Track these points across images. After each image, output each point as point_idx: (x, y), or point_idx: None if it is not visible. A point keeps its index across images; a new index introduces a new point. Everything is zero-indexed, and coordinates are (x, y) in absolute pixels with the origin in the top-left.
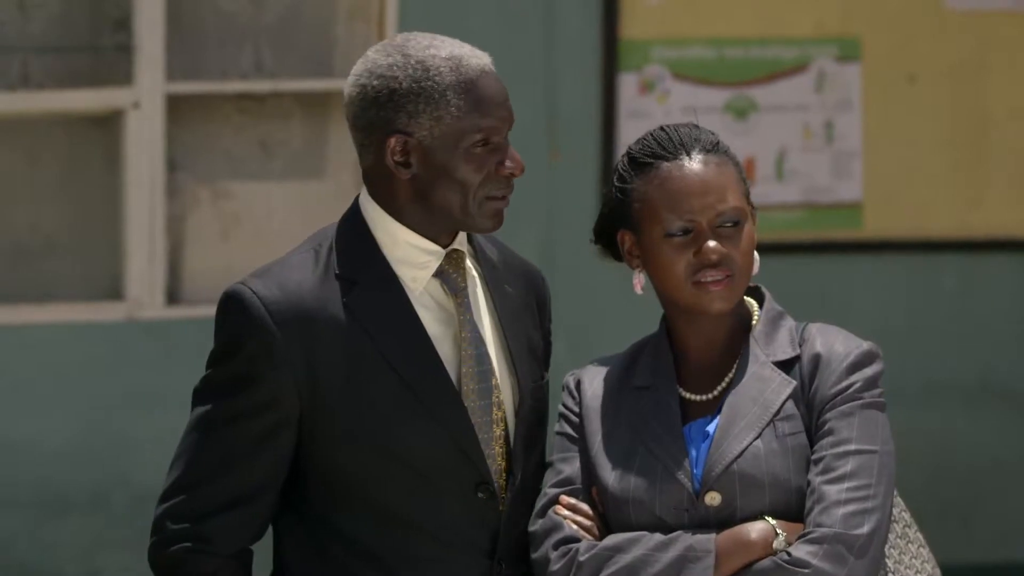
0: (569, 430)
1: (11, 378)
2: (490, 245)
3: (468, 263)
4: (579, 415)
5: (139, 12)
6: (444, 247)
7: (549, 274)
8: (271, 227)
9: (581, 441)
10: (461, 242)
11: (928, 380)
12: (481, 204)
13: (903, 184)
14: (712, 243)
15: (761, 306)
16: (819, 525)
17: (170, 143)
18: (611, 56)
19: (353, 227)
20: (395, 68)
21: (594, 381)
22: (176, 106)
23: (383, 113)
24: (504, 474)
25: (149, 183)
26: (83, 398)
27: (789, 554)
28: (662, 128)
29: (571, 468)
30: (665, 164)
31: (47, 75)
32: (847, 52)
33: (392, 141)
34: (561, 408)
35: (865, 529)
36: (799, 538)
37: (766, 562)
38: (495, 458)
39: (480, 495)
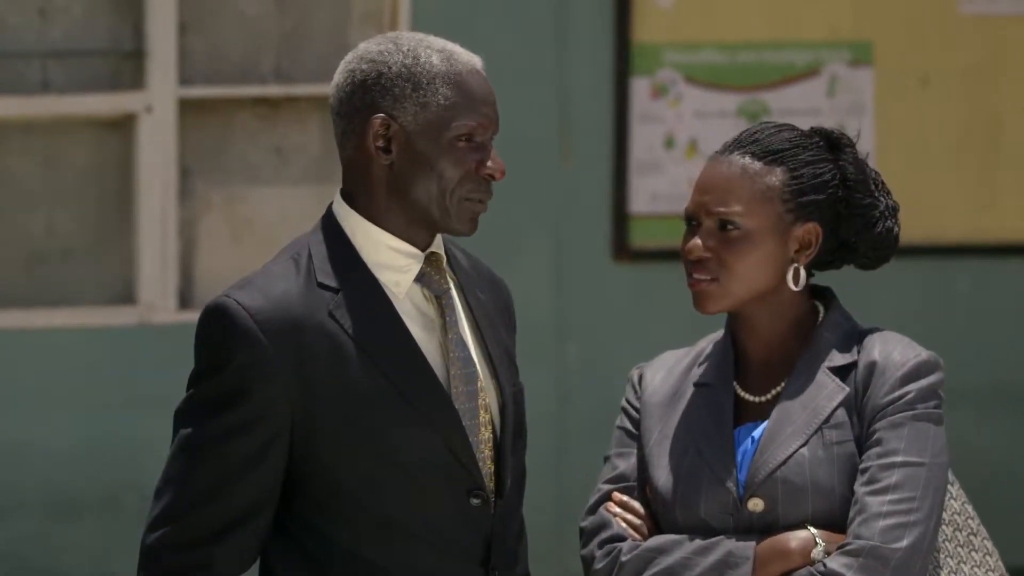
0: (628, 425)
1: (24, 381)
2: (459, 251)
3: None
4: (638, 410)
5: (151, 16)
6: (422, 250)
7: (559, 279)
8: (284, 232)
9: (638, 437)
10: (439, 245)
11: None
12: (459, 204)
13: (916, 188)
14: (695, 240)
15: (828, 309)
16: (858, 537)
17: (184, 147)
18: (623, 60)
19: (330, 234)
20: (385, 54)
21: (656, 376)
22: (191, 111)
23: (369, 96)
24: (493, 479)
25: (161, 187)
26: (95, 401)
27: (825, 565)
28: (759, 123)
29: (626, 464)
30: (712, 155)
31: (68, 80)
32: (859, 56)
33: (376, 122)
34: (623, 402)
35: (904, 543)
36: (838, 549)
37: (803, 572)
38: (485, 461)
39: (474, 501)
